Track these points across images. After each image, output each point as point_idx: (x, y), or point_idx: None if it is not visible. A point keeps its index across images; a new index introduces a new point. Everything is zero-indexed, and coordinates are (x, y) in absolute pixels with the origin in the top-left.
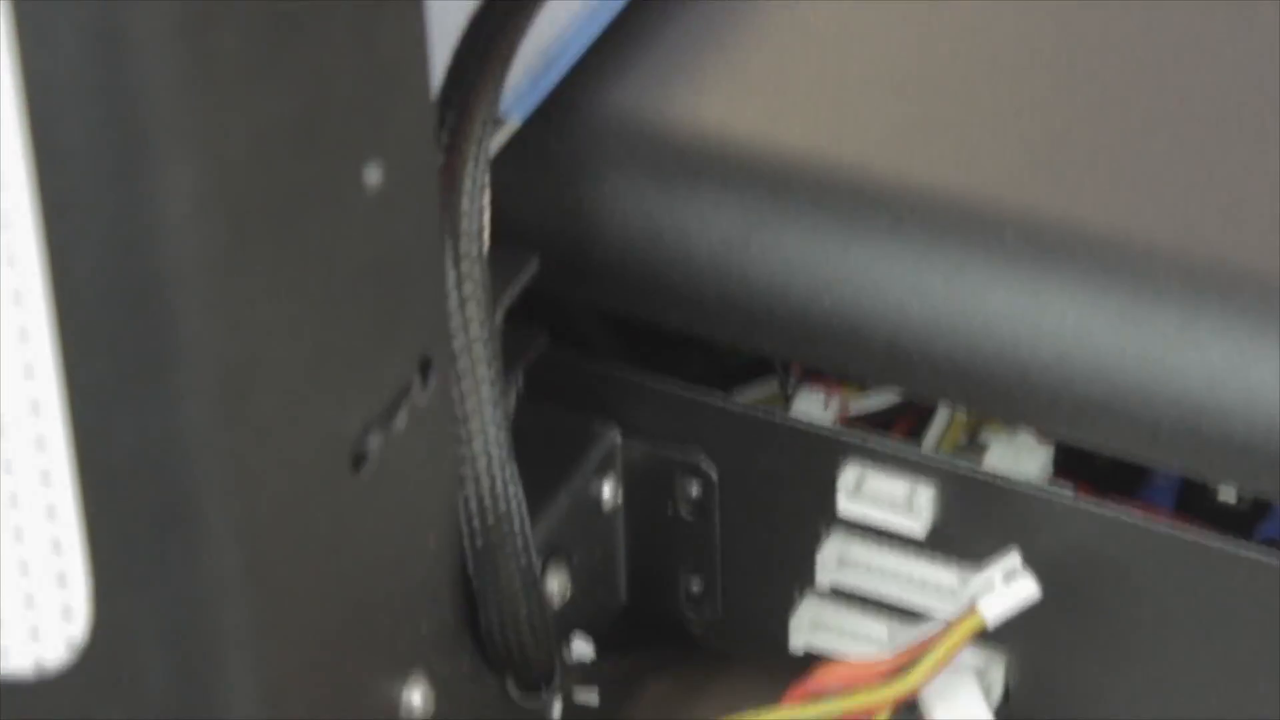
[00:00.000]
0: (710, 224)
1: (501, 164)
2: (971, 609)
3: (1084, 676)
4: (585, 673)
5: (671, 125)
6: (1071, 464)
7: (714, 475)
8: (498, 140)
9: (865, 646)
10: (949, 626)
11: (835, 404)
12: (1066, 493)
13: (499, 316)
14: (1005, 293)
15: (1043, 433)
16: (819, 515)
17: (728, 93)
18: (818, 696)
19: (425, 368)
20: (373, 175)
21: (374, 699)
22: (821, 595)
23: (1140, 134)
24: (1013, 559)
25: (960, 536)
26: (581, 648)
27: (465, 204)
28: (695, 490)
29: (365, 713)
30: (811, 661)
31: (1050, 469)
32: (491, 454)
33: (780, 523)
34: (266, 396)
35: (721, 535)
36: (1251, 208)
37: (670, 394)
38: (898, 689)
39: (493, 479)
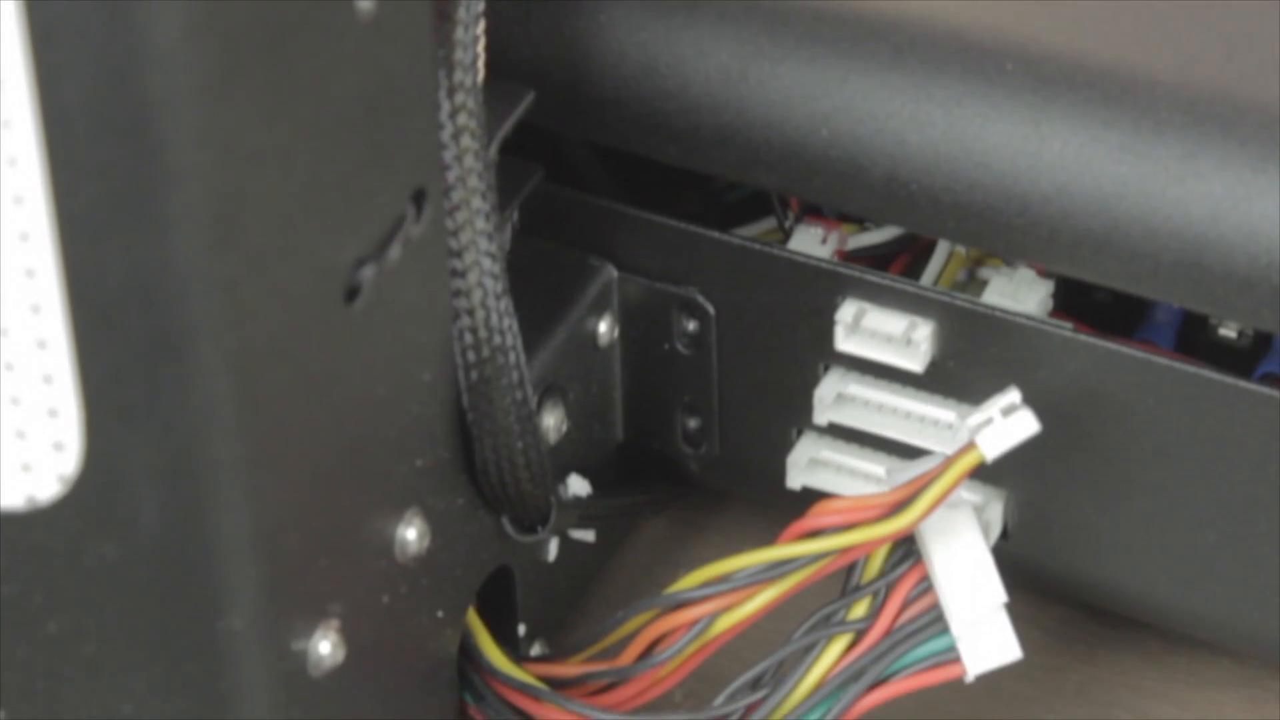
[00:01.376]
0: (707, 55)
1: None
2: (970, 444)
3: (1083, 513)
4: (582, 511)
5: None
6: (1070, 306)
7: (711, 311)
8: None
9: (863, 484)
10: (947, 462)
11: (833, 240)
12: (1066, 327)
13: (494, 149)
14: (1006, 125)
15: (1043, 267)
16: (816, 352)
17: None
18: (815, 534)
19: (419, 199)
20: (365, 2)
21: (368, 535)
22: (819, 433)
23: None
24: (1012, 394)
25: (959, 372)
26: (578, 485)
27: (460, 34)
28: (692, 326)
29: (359, 549)
30: (809, 499)
31: (1050, 304)
32: (486, 286)
33: (777, 359)
34: (258, 227)
35: (719, 372)
36: (1254, 39)
37: (667, 228)
38: (895, 525)
39: (488, 311)
